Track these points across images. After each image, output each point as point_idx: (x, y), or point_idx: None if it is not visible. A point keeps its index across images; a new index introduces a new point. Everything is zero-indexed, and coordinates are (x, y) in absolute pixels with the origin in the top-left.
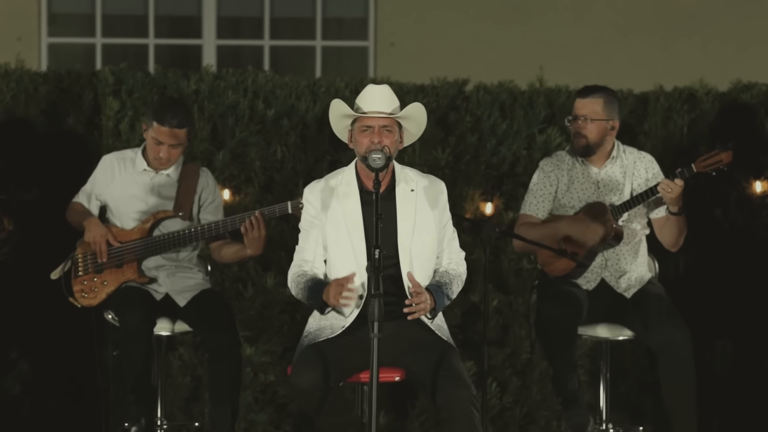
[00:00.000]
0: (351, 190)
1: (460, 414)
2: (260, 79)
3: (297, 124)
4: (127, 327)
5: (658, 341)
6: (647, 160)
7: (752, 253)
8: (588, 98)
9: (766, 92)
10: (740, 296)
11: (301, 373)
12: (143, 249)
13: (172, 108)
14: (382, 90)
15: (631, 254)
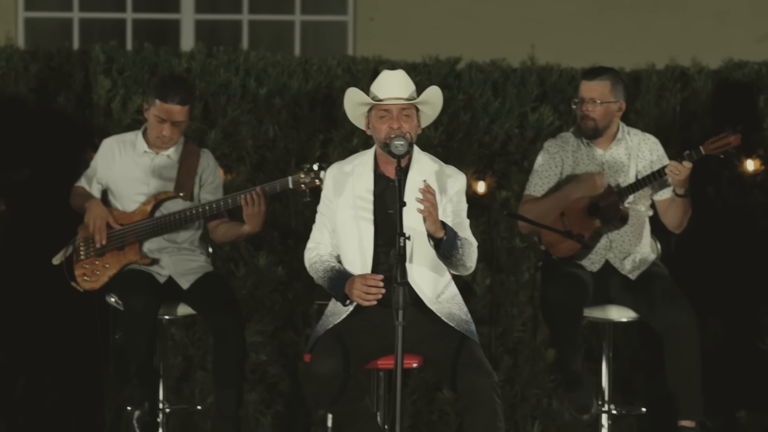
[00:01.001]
0: (366, 171)
1: (482, 402)
2: (252, 58)
3: (289, 103)
4: (132, 311)
5: (664, 323)
6: (651, 142)
7: (744, 231)
8: (595, 81)
9: (758, 71)
10: (732, 275)
11: (322, 360)
12: (145, 230)
13: (175, 85)
14: (398, 75)
15: (635, 235)
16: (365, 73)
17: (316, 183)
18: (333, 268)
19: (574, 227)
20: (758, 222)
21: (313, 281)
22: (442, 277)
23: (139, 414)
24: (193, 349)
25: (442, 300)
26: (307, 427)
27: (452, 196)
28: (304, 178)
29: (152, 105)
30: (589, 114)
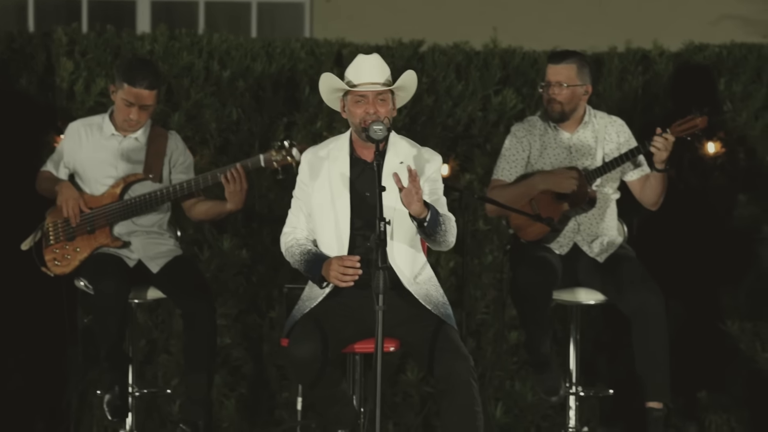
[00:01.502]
0: (342, 155)
1: (459, 386)
2: (215, 40)
3: (252, 85)
4: (102, 295)
5: (632, 306)
6: (618, 125)
7: (705, 214)
8: (562, 64)
9: (718, 53)
10: (692, 257)
11: (300, 344)
12: (115, 213)
13: (143, 69)
14: (373, 60)
15: (602, 218)
16: (328, 56)
17: (288, 160)
18: (309, 251)
19: (542, 211)
20: (719, 204)
21: (276, 264)
22: (419, 258)
23: (110, 398)
24: (157, 333)
25: (420, 281)
26: (271, 409)
27: (430, 175)
28: (275, 155)
29: (120, 88)
30: (556, 97)
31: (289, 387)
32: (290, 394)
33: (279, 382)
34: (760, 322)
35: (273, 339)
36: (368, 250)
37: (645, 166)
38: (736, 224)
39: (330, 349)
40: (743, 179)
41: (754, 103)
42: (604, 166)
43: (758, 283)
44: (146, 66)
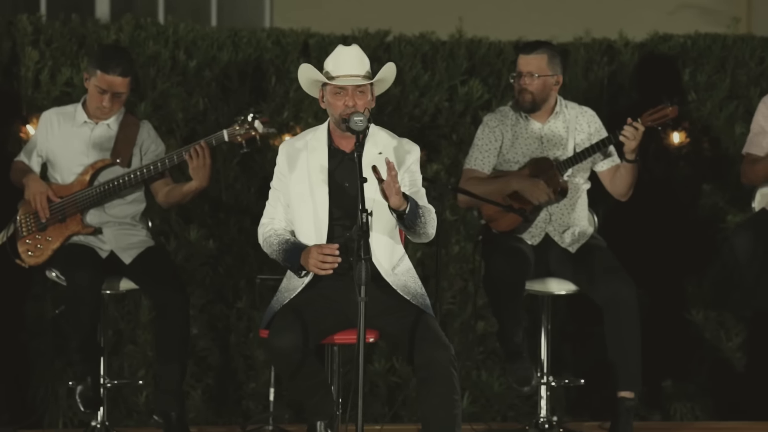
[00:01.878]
0: (320, 145)
1: (439, 375)
2: (181, 30)
3: (218, 75)
4: (76, 286)
5: (604, 296)
6: (589, 115)
7: (670, 204)
8: (532, 54)
9: (683, 44)
10: (657, 247)
11: (280, 335)
12: (85, 200)
13: (116, 57)
14: (352, 52)
15: (573, 209)
16: (294, 45)
17: (251, 134)
18: (288, 240)
19: (514, 201)
20: (683, 194)
21: (243, 255)
22: (398, 249)
23: (82, 389)
24: (124, 323)
25: (398, 272)
26: (238, 400)
27: (409, 166)
28: (239, 129)
29: (93, 75)
30: (527, 88)
31: (256, 378)
32: (257, 385)
33: (246, 372)
34: (725, 312)
35: (240, 329)
36: (347, 240)
37: (615, 157)
38: (700, 214)
39: (310, 339)
40: (708, 169)
41: (718, 93)
42: (576, 157)
43: (722, 273)
44: (119, 53)
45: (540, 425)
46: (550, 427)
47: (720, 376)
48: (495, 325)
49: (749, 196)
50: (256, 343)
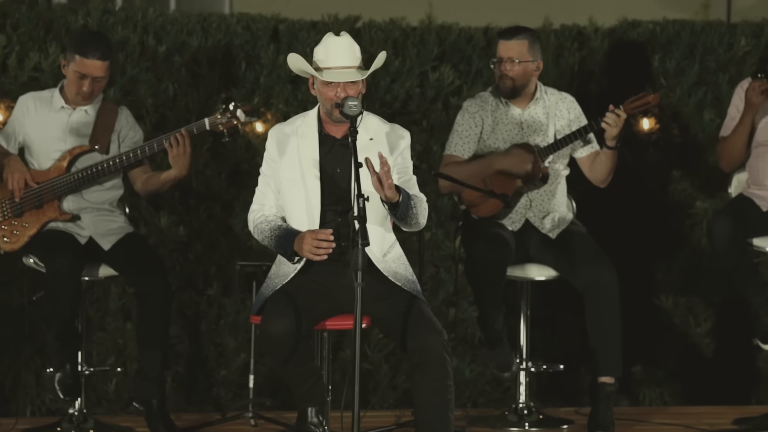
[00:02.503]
0: (310, 131)
1: (433, 360)
2: (150, 15)
3: (188, 61)
4: (55, 272)
5: (585, 281)
6: (569, 101)
7: (639, 189)
8: (513, 40)
9: (652, 30)
10: (626, 233)
11: (274, 320)
12: (63, 186)
13: (95, 41)
14: (343, 43)
15: (553, 194)
16: (265, 31)
17: (233, 122)
18: (280, 226)
19: (495, 187)
20: (652, 180)
21: (214, 241)
22: (389, 237)
23: (61, 376)
24: (93, 311)
25: (389, 259)
26: (208, 388)
27: (401, 152)
28: (220, 118)
29: (71, 61)
30: (508, 73)
31: (227, 365)
32: (228, 373)
33: (216, 360)
34: (694, 297)
35: (210, 317)
36: (339, 226)
37: (595, 143)
38: (669, 200)
39: (303, 325)
40: (677, 155)
41: (688, 79)
42: (557, 143)
43: (691, 258)
44: (98, 38)
45: (519, 411)
46: (529, 413)
47: (689, 362)
48: (466, 312)
49: (719, 182)
50: (227, 330)
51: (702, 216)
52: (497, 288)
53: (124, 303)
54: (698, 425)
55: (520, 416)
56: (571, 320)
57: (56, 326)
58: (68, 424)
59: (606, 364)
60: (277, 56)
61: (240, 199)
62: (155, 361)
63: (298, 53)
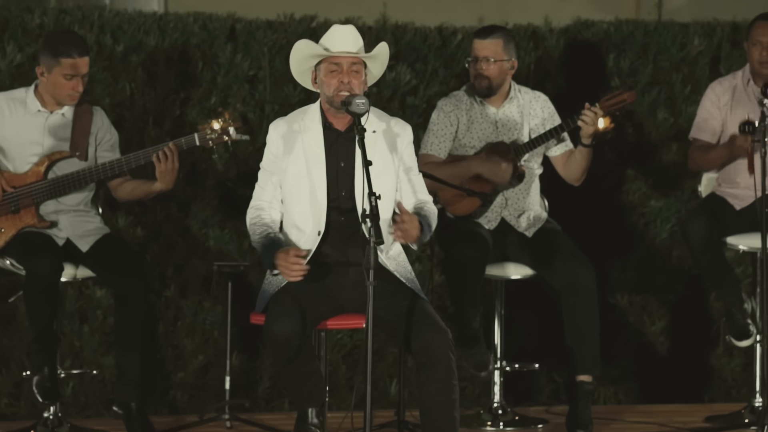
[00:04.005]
0: (314, 125)
1: (438, 359)
2: (107, 14)
3: (145, 60)
4: (36, 274)
5: (563, 280)
6: (542, 100)
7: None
8: (488, 39)
9: (606, 29)
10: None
11: (279, 320)
12: (41, 192)
13: (72, 39)
14: (348, 30)
15: (528, 193)
16: (222, 30)
17: (223, 139)
18: (269, 234)
19: (471, 186)
20: (607, 179)
21: (171, 243)
22: (390, 234)
23: (39, 379)
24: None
25: (391, 255)
26: (166, 390)
27: (405, 146)
28: (210, 134)
29: (55, 65)
30: (483, 72)
31: (184, 367)
32: (185, 375)
33: (173, 362)
34: (648, 296)
35: (167, 318)
36: (344, 221)
37: (568, 142)
38: (623, 199)
39: (307, 325)
40: (631, 155)
41: (641, 79)
42: (533, 142)
43: (645, 257)
44: (73, 35)
45: (494, 410)
46: (504, 413)
47: (643, 360)
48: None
49: (672, 181)
50: (184, 332)
51: (656, 215)
52: (476, 287)
53: (81, 305)
54: (671, 423)
55: (495, 416)
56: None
57: (36, 329)
58: (43, 428)
59: (584, 362)
60: (234, 55)
61: (197, 199)
62: (134, 363)
63: (255, 53)
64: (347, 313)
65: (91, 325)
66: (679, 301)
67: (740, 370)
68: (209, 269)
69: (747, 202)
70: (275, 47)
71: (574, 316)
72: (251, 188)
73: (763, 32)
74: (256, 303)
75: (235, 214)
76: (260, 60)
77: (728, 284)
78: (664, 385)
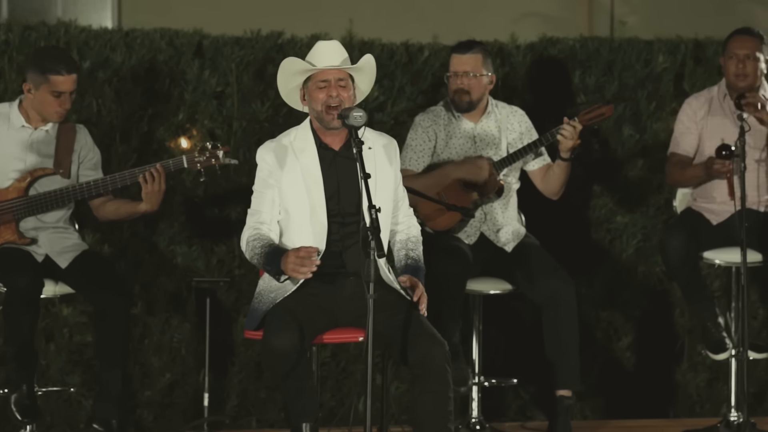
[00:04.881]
0: (308, 145)
1: (435, 371)
2: (73, 30)
3: (112, 77)
4: (17, 290)
5: (544, 294)
6: (519, 114)
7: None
8: (468, 54)
9: (572, 46)
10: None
11: (279, 334)
12: (22, 208)
13: (60, 56)
14: (332, 45)
15: (506, 208)
16: (189, 46)
17: (212, 162)
18: (270, 243)
19: (451, 201)
20: (575, 195)
21: (138, 260)
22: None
23: (17, 397)
24: None
25: (382, 264)
26: (132, 409)
27: (396, 165)
28: (198, 157)
29: (43, 83)
30: (464, 87)
31: (151, 385)
32: (152, 393)
33: (141, 380)
34: (614, 311)
35: (134, 336)
36: (343, 237)
37: (546, 156)
38: (590, 215)
39: (305, 339)
40: (597, 170)
41: (607, 95)
42: (512, 156)
43: (612, 273)
44: (61, 52)
45: (471, 426)
46: (482, 428)
47: (610, 376)
48: None
49: (638, 197)
50: (152, 349)
51: (622, 231)
52: (457, 302)
53: (48, 323)
54: None
55: (472, 431)
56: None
57: (14, 346)
58: None
59: (564, 376)
60: (201, 72)
61: (164, 215)
62: (116, 380)
63: (222, 69)
64: (342, 327)
65: (57, 344)
66: (645, 317)
67: (705, 386)
68: (177, 286)
69: (723, 217)
70: (242, 63)
71: (554, 330)
72: (218, 205)
73: (738, 45)
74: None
75: (202, 231)
76: (228, 76)
77: (703, 299)
78: (630, 400)
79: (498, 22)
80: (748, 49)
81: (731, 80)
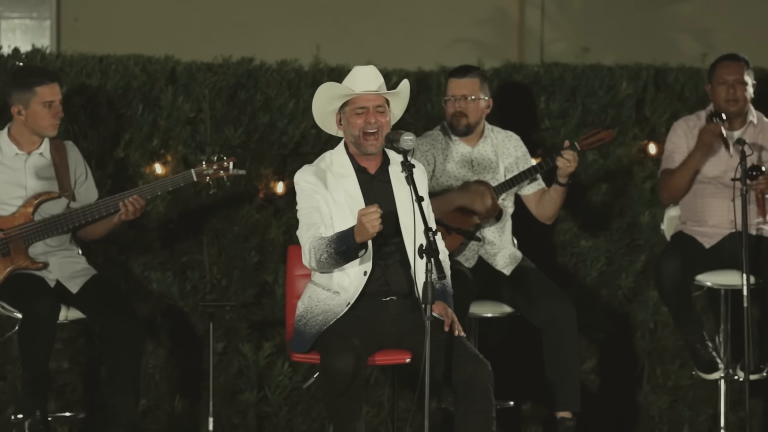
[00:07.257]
0: (346, 170)
1: (480, 392)
2: (49, 56)
3: (86, 103)
4: (36, 316)
5: (545, 317)
6: (515, 139)
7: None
8: (466, 78)
9: (536, 72)
10: None
11: (339, 356)
12: (31, 234)
13: (38, 69)
14: (369, 70)
15: (503, 231)
16: (163, 72)
17: (220, 174)
18: (332, 235)
19: (452, 224)
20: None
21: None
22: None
23: (31, 422)
24: None
25: None
26: None
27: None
28: (206, 169)
29: (32, 97)
30: (463, 111)
31: None
32: None
33: None
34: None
35: None
36: (384, 257)
37: (540, 181)
38: (555, 239)
39: (363, 361)
40: None
41: (571, 121)
42: (511, 181)
43: (576, 296)
44: (38, 66)
45: None
46: None
47: None
48: None
49: (602, 222)
50: None
51: (585, 255)
52: None
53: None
54: None
55: None
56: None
57: (30, 372)
58: None
59: (565, 398)
60: (175, 98)
61: (139, 241)
62: (130, 405)
63: (196, 95)
64: (387, 349)
65: None
66: (609, 340)
67: (666, 408)
68: (152, 312)
69: (716, 240)
70: (215, 89)
71: (556, 352)
72: (193, 230)
73: (727, 71)
74: (291, 343)
75: (177, 256)
76: (201, 102)
77: (692, 322)
78: (594, 422)
79: (430, 48)
80: (736, 74)
81: (722, 106)
